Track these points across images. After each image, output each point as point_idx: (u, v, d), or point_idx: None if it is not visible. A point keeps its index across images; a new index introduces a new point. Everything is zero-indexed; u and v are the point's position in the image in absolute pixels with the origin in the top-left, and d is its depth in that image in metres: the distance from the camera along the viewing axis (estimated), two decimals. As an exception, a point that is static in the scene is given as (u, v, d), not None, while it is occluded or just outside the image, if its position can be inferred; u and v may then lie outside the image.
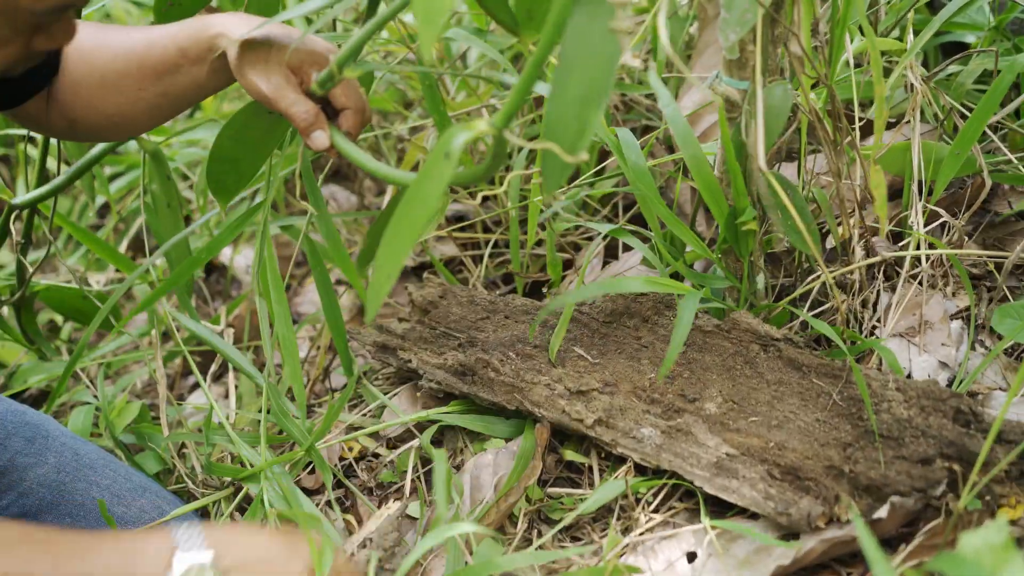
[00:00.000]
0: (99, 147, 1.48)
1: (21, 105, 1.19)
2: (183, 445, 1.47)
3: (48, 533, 0.96)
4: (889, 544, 1.03)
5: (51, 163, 1.54)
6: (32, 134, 1.62)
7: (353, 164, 1.17)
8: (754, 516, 1.08)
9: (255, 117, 1.25)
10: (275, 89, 1.12)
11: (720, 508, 1.09)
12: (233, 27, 1.13)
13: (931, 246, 1.27)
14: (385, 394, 1.39)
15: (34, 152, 1.81)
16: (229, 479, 1.32)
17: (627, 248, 1.55)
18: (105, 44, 1.19)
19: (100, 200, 2.23)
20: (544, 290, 1.56)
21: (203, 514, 1.37)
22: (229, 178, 1.29)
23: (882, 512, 1.01)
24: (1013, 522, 1.00)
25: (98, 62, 1.19)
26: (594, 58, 0.75)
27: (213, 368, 1.71)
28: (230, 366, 1.54)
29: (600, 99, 0.76)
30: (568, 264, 1.62)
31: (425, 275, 1.53)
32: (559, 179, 0.83)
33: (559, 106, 0.78)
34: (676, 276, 1.28)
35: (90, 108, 1.21)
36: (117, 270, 1.97)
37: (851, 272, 1.25)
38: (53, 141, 1.51)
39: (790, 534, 1.04)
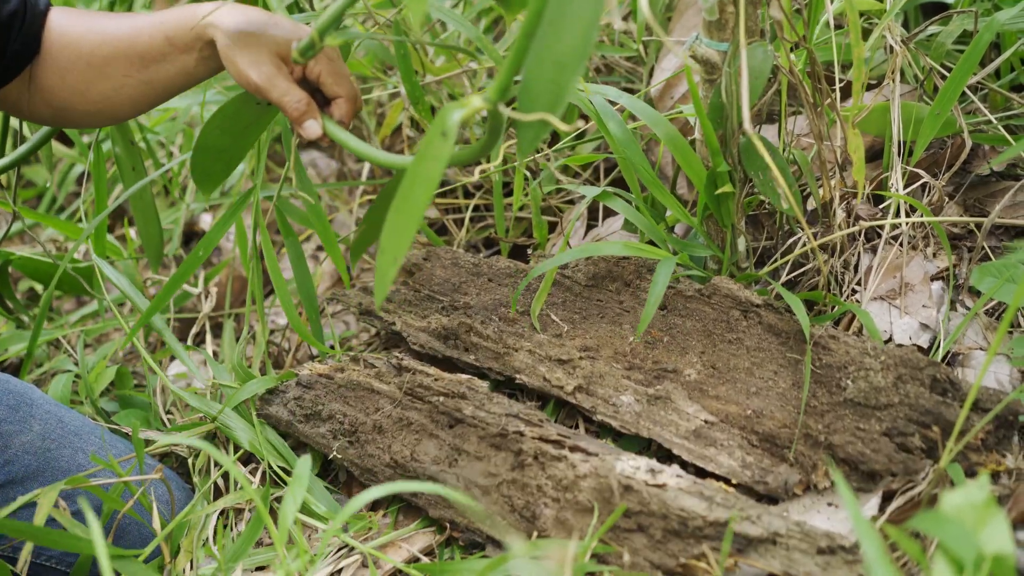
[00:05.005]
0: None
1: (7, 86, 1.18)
2: (168, 412, 1.47)
3: None
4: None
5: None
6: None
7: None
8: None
9: (244, 106, 1.24)
10: (266, 79, 1.12)
11: (700, 473, 1.10)
12: (222, 16, 1.12)
13: (911, 207, 1.27)
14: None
15: None
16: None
17: (608, 213, 1.55)
18: (91, 29, 1.18)
19: (79, 169, 2.21)
20: (530, 252, 1.56)
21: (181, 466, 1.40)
22: (216, 168, 1.29)
23: (873, 507, 1.02)
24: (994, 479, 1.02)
25: (84, 48, 1.17)
26: (575, 20, 0.74)
27: (194, 330, 1.71)
28: (209, 332, 1.54)
29: (579, 62, 0.75)
30: (551, 228, 1.61)
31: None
32: (533, 143, 0.83)
33: (537, 69, 0.77)
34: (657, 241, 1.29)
35: (75, 94, 1.20)
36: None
37: (832, 234, 1.25)
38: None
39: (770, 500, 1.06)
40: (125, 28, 1.17)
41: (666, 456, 1.12)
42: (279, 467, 1.29)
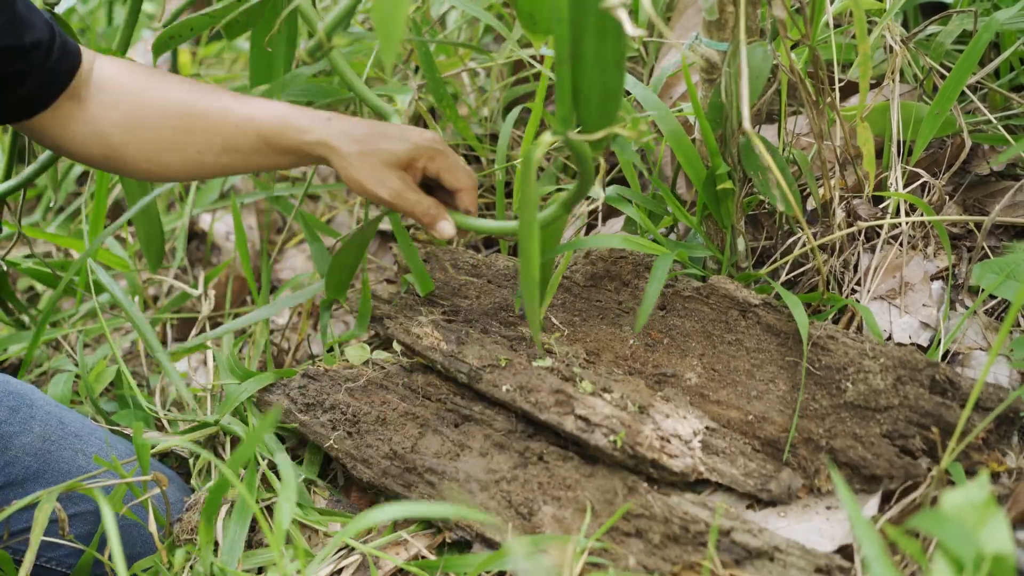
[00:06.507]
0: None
1: (32, 119, 1.16)
2: (168, 410, 1.47)
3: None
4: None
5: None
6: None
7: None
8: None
9: (361, 232, 1.31)
10: (395, 194, 1.13)
11: (702, 482, 1.10)
12: (335, 138, 1.13)
13: (912, 207, 1.27)
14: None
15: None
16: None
17: (609, 214, 1.55)
18: (169, 97, 1.17)
19: (79, 169, 2.21)
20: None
21: (181, 466, 1.39)
22: (344, 278, 1.39)
23: (872, 507, 1.02)
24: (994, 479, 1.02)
25: (160, 110, 1.17)
26: (606, 42, 0.80)
27: (194, 332, 1.71)
28: (209, 333, 1.54)
29: (619, 85, 0.83)
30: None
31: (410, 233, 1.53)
32: (599, 150, 0.90)
33: (588, 92, 0.83)
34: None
35: (139, 152, 1.18)
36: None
37: (832, 235, 1.25)
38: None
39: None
40: (206, 108, 1.17)
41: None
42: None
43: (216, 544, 1.18)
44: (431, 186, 1.19)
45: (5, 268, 1.58)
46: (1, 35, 1.06)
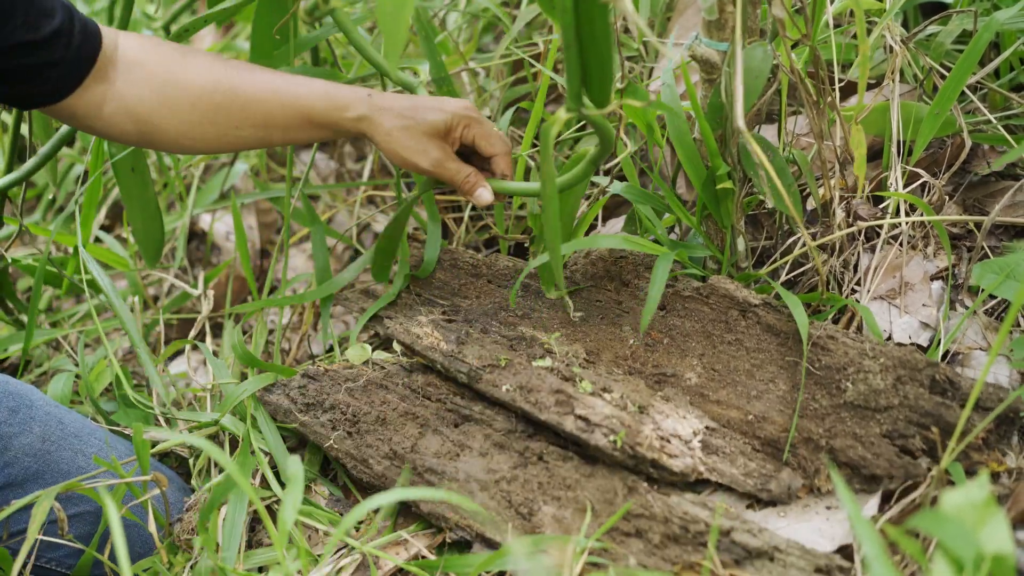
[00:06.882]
0: (63, 130, 1.48)
1: (56, 105, 1.17)
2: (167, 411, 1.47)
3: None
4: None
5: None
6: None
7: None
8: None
9: (398, 218, 1.36)
10: (436, 163, 1.19)
11: (702, 482, 1.10)
12: (376, 113, 1.18)
13: (911, 206, 1.27)
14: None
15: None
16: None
17: (609, 214, 1.55)
18: (199, 74, 1.20)
19: (79, 169, 2.21)
20: (529, 246, 1.56)
21: (181, 466, 1.39)
22: (387, 262, 1.45)
23: (872, 507, 1.02)
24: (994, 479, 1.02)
25: (191, 89, 1.19)
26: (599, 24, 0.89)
27: (192, 333, 1.71)
28: (209, 332, 1.54)
29: (611, 59, 0.92)
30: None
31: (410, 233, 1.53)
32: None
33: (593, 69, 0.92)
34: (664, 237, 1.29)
35: (172, 126, 1.21)
36: (97, 239, 1.95)
37: (832, 235, 1.25)
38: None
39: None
40: (245, 85, 1.20)
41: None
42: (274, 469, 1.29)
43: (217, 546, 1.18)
44: (466, 154, 1.24)
45: (9, 260, 1.58)
46: (20, 31, 1.07)
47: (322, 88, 1.21)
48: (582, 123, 1.55)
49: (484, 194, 1.22)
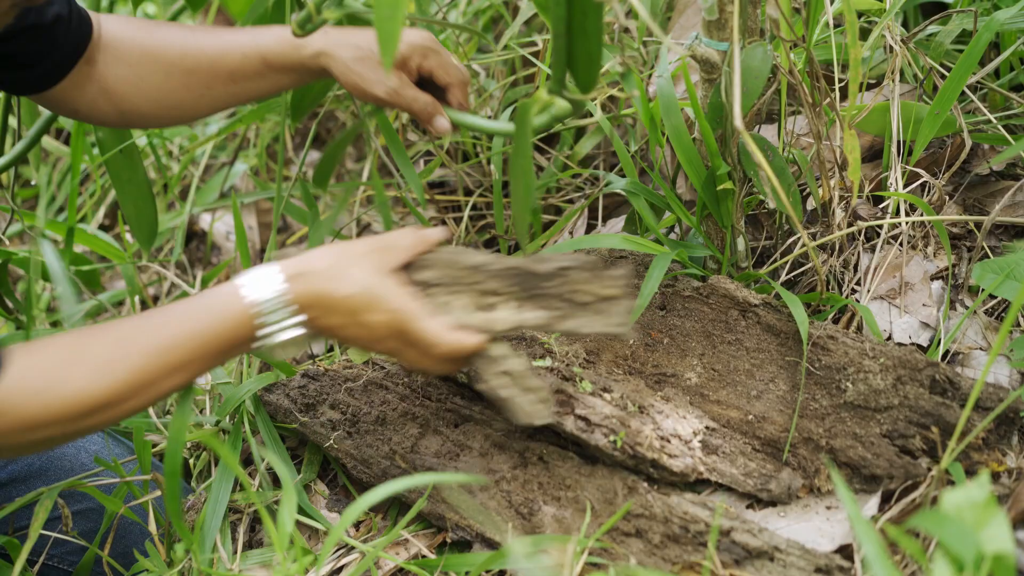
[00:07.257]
0: (45, 116, 1.49)
1: (48, 90, 1.19)
2: (166, 413, 1.47)
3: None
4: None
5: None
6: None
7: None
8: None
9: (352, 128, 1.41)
10: (392, 93, 1.19)
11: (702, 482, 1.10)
12: (334, 46, 1.19)
13: (912, 206, 1.27)
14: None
15: None
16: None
17: (608, 214, 1.55)
18: (169, 43, 1.21)
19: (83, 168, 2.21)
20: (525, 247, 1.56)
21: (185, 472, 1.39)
22: (328, 171, 1.48)
23: (872, 507, 1.02)
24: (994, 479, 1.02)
25: (163, 58, 1.20)
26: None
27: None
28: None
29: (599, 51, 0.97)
30: (546, 227, 1.61)
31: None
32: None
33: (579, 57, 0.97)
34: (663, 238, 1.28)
35: (150, 101, 1.23)
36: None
37: (832, 235, 1.25)
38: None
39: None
40: (208, 44, 1.21)
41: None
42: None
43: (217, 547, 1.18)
44: (424, 86, 1.23)
45: (7, 242, 1.58)
46: (29, 14, 1.09)
47: (280, 32, 1.21)
48: (582, 124, 1.55)
49: (442, 121, 1.22)
